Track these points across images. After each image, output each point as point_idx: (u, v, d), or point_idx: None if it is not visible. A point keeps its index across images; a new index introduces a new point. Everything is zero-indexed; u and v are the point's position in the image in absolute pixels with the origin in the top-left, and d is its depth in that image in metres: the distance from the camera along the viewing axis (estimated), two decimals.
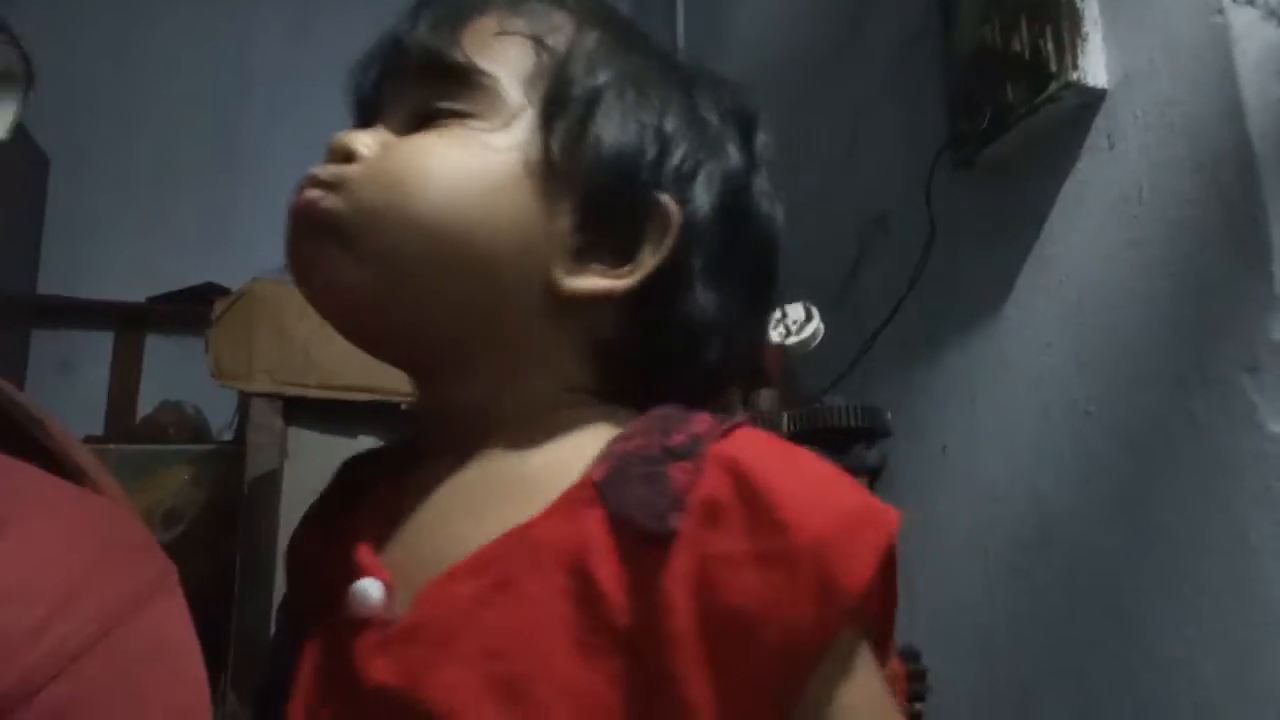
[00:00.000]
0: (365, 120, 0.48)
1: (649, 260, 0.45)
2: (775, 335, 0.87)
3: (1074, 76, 0.89)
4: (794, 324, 0.92)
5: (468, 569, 0.41)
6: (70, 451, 0.44)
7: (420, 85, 0.46)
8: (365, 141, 0.45)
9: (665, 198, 0.46)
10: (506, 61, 0.46)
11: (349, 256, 0.43)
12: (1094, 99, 0.91)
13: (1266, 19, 0.77)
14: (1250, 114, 0.76)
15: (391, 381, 1.56)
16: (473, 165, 0.44)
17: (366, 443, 1.66)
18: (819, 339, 0.96)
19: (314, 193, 0.44)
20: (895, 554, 0.39)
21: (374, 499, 0.47)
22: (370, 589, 0.41)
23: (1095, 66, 0.90)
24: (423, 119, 0.46)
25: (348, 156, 0.45)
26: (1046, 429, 0.93)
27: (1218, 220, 0.77)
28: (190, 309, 2.09)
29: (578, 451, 0.42)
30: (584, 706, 0.37)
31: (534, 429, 0.45)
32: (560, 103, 0.46)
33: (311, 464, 1.36)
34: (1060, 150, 0.94)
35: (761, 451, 0.40)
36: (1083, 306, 0.91)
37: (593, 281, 0.45)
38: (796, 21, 1.71)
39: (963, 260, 1.08)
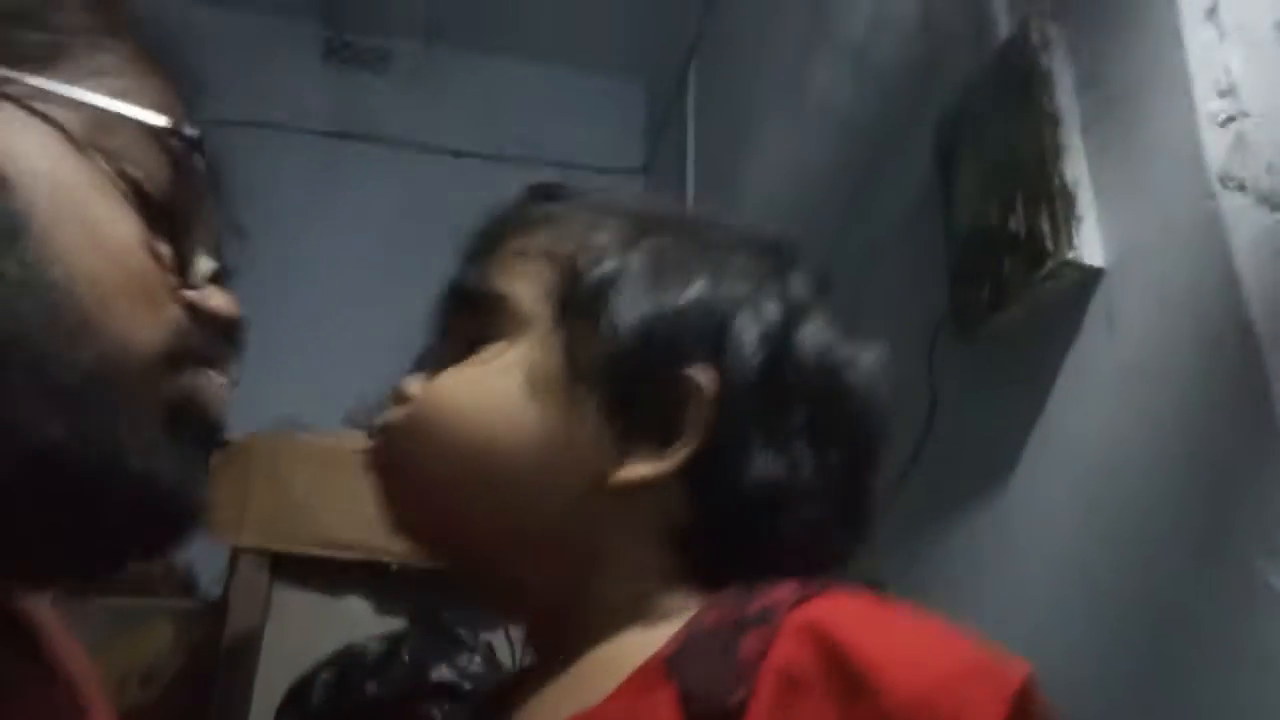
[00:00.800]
0: (437, 352, 0.51)
1: (691, 437, 0.45)
2: None
3: (1070, 255, 0.91)
4: None
5: None
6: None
7: (462, 319, 0.49)
8: (414, 385, 0.48)
9: (693, 372, 0.45)
10: (523, 278, 0.48)
11: (405, 498, 0.47)
12: (1092, 277, 0.92)
13: (1259, 204, 0.79)
14: (1249, 295, 0.76)
15: (381, 540, 1.52)
16: (488, 389, 0.46)
17: (352, 604, 1.61)
18: None
19: (374, 442, 0.48)
20: (1032, 712, 0.35)
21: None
22: None
23: (1091, 246, 0.92)
24: (468, 350, 0.48)
25: (401, 398, 0.48)
26: (1056, 603, 0.90)
27: (1224, 396, 0.77)
28: None
29: (654, 635, 0.42)
30: None
31: (614, 622, 0.44)
32: (569, 303, 0.46)
33: (295, 624, 1.31)
34: (1061, 325, 0.95)
35: (849, 612, 0.38)
36: (1089, 479, 0.89)
37: (637, 470, 0.45)
38: (802, 191, 1.77)
39: (966, 432, 1.08)
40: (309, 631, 1.32)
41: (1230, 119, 0.82)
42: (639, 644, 0.42)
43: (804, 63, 1.69)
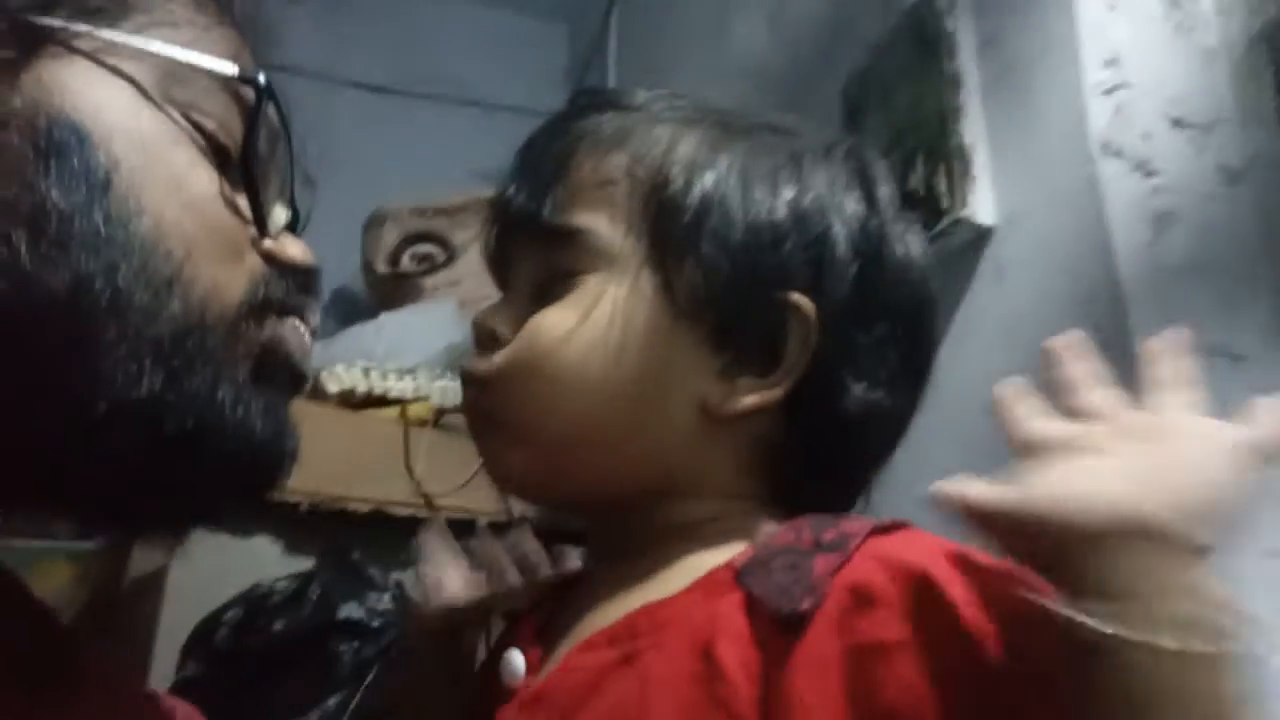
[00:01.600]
0: (500, 277, 0.50)
1: (796, 362, 0.45)
2: None
3: (964, 214, 0.95)
4: None
5: (600, 640, 0.42)
6: None
7: (533, 248, 0.48)
8: (502, 323, 0.47)
9: (797, 296, 0.45)
10: (606, 207, 0.46)
11: (516, 447, 0.46)
12: (983, 235, 0.96)
13: (1134, 171, 0.84)
14: (1120, 256, 0.81)
15: (293, 481, 1.51)
16: (598, 331, 0.45)
17: (260, 544, 1.60)
18: None
19: (470, 392, 0.48)
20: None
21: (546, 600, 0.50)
22: (515, 660, 0.44)
23: (984, 205, 0.96)
24: (544, 282, 0.47)
25: (490, 339, 0.47)
26: None
27: (1095, 348, 0.82)
28: None
29: (728, 550, 0.43)
30: None
31: (694, 536, 0.45)
32: (665, 236, 0.45)
33: (200, 565, 1.30)
34: (954, 279, 1.00)
35: (926, 546, 0.39)
36: (972, 424, 0.95)
37: (745, 399, 0.45)
38: None
39: None
40: (215, 572, 1.31)
41: (1113, 89, 0.86)
42: (712, 557, 0.43)
43: (722, 13, 1.70)
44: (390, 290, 1.96)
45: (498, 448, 0.47)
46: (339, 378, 1.48)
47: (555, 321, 0.45)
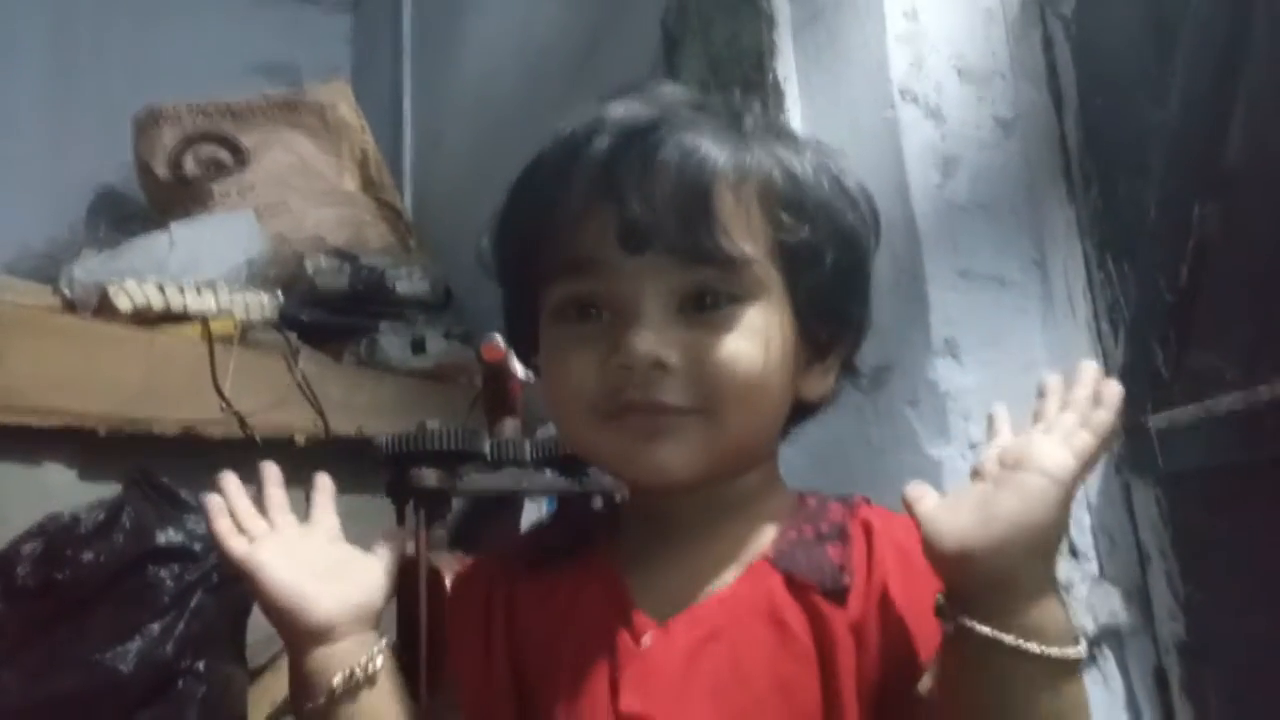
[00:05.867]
0: (577, 271, 0.52)
1: (842, 354, 0.56)
2: (519, 369, 0.92)
3: None
4: None
5: (680, 625, 0.52)
6: None
7: (681, 267, 0.50)
8: (666, 351, 0.50)
9: (868, 303, 0.56)
10: (756, 235, 0.51)
11: (707, 454, 0.51)
12: None
13: (927, 117, 0.94)
14: (914, 194, 0.92)
15: (87, 404, 1.42)
16: (774, 355, 0.51)
17: (52, 472, 1.50)
18: None
19: (666, 421, 0.50)
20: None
21: (592, 564, 0.57)
22: (646, 639, 0.51)
23: None
24: (690, 303, 0.51)
25: (659, 366, 0.50)
26: None
27: (890, 280, 0.93)
28: None
29: (760, 536, 0.54)
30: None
31: (745, 511, 0.55)
32: (798, 263, 0.52)
33: None
34: None
35: (905, 525, 0.50)
36: None
37: (821, 385, 0.56)
38: (527, 61, 1.78)
39: None
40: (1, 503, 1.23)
41: (912, 39, 0.96)
42: (750, 540, 0.54)
43: None
44: (173, 196, 1.83)
45: (691, 456, 0.51)
46: (130, 293, 1.39)
47: (754, 354, 0.51)
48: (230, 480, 0.60)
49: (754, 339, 0.50)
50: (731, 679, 0.50)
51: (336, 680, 0.54)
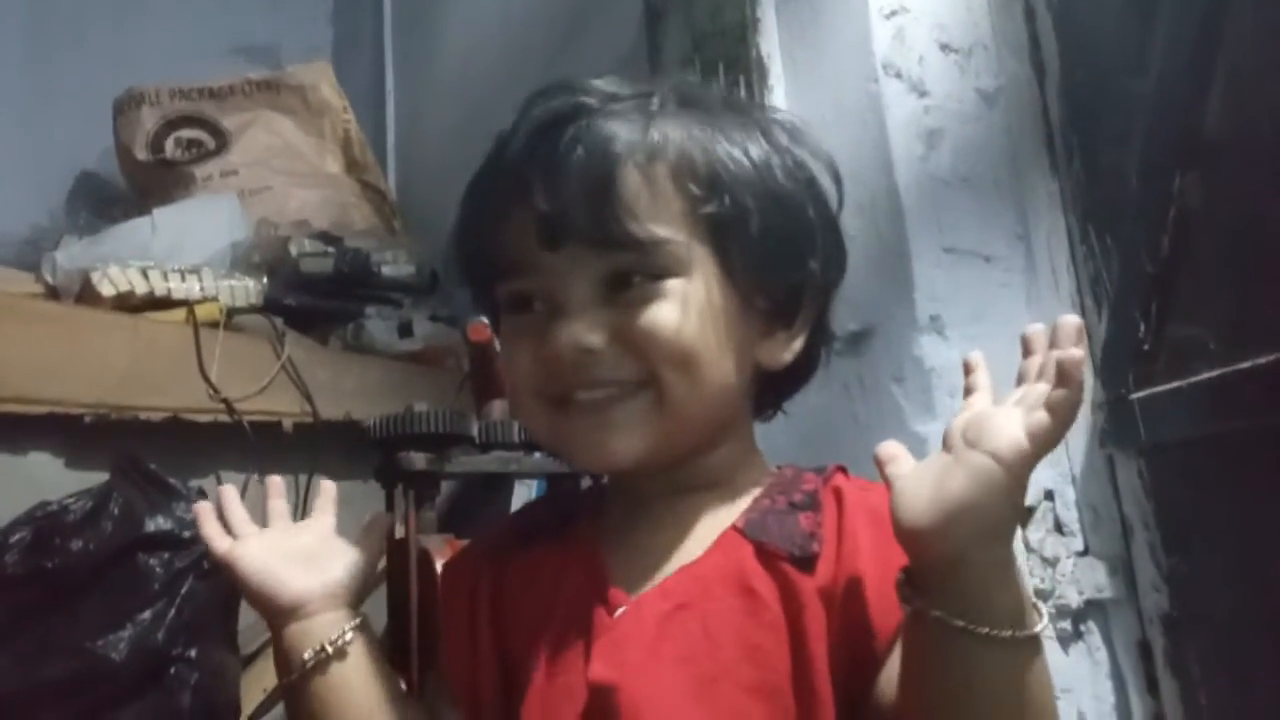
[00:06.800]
0: (509, 271, 0.53)
1: (810, 317, 0.56)
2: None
3: None
4: None
5: (652, 597, 0.52)
6: None
7: (597, 255, 0.51)
8: (594, 336, 0.51)
9: (814, 264, 0.55)
10: (669, 213, 0.52)
11: (655, 434, 0.52)
12: None
13: (910, 91, 0.94)
14: (898, 168, 0.92)
15: (73, 392, 1.41)
16: (704, 323, 0.51)
17: (37, 461, 1.50)
18: None
19: (611, 410, 0.52)
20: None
21: (575, 539, 0.58)
22: (619, 612, 0.52)
23: None
24: (614, 287, 0.52)
25: (589, 353, 0.51)
26: None
27: (875, 255, 0.93)
28: None
29: (734, 508, 0.55)
30: (761, 693, 0.49)
31: (720, 486, 0.56)
32: (722, 234, 0.52)
33: None
34: None
35: (851, 482, 0.54)
36: None
37: (785, 354, 0.55)
38: (509, 37, 1.76)
39: None
40: None
41: (894, 13, 0.95)
42: (720, 513, 0.54)
43: None
44: (155, 180, 1.82)
45: (635, 435, 0.52)
46: (113, 279, 1.38)
47: (677, 320, 0.51)
48: (229, 492, 0.63)
49: (674, 304, 0.51)
50: (701, 647, 0.50)
51: (307, 655, 0.56)
